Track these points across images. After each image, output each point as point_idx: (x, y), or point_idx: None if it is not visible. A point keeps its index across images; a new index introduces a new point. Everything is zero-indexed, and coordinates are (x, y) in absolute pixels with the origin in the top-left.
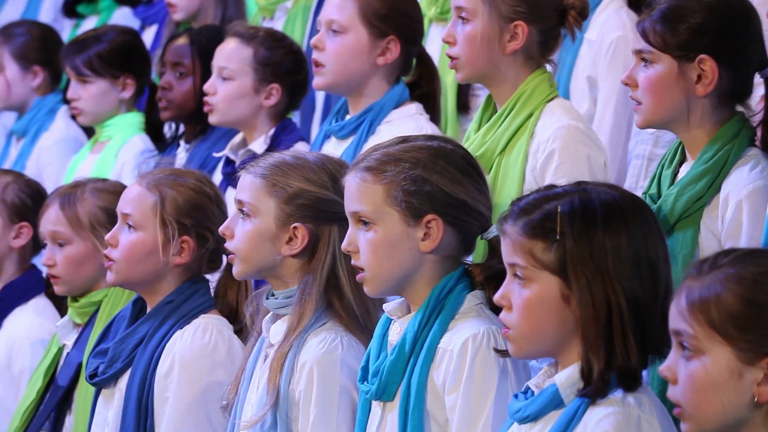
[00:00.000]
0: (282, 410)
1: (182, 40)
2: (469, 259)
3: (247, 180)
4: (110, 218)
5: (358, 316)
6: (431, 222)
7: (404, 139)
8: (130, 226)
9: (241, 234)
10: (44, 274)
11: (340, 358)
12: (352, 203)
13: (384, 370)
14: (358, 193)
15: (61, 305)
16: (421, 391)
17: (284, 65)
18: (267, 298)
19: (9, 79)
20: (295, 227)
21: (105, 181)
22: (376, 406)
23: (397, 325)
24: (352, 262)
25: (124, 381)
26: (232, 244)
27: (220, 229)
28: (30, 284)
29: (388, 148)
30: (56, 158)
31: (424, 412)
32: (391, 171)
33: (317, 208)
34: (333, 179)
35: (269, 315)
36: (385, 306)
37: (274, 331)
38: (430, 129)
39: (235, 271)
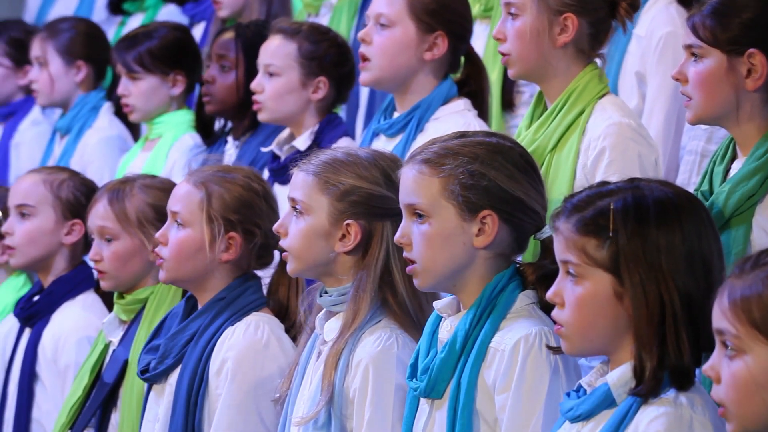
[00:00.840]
0: (336, 407)
1: (228, 34)
2: (520, 258)
3: (299, 178)
4: (158, 215)
5: (412, 312)
6: (486, 217)
7: (463, 134)
8: (178, 224)
9: (294, 232)
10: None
11: (395, 356)
12: (407, 195)
13: (434, 367)
14: (414, 185)
15: (110, 301)
16: (471, 389)
17: (329, 58)
18: (320, 296)
19: (53, 74)
20: (348, 224)
21: (154, 177)
22: (424, 404)
23: (448, 322)
24: (404, 254)
25: (174, 377)
26: (286, 241)
27: (274, 227)
28: (79, 280)
29: (446, 141)
30: (100, 156)
31: (474, 411)
32: (449, 164)
33: (370, 204)
34: (385, 175)
35: (322, 312)
36: (435, 303)
37: (328, 329)
38: (478, 125)
39: (289, 268)
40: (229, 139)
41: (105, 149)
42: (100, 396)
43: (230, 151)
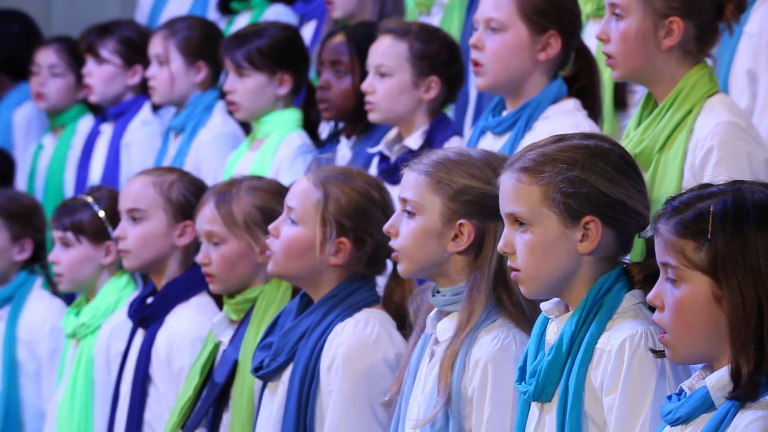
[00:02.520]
0: (454, 408)
1: (339, 38)
2: (627, 257)
3: (411, 178)
4: (265, 217)
5: (527, 311)
6: (589, 223)
7: (560, 138)
8: (293, 221)
9: (405, 232)
10: None
11: (513, 354)
12: (508, 204)
13: (541, 370)
14: (514, 194)
15: (222, 303)
16: (578, 392)
17: (440, 57)
18: (433, 295)
19: (173, 72)
20: (460, 224)
21: (260, 179)
22: (534, 407)
23: (555, 324)
24: (508, 263)
25: (287, 374)
26: (397, 242)
27: (384, 227)
28: (192, 282)
29: (543, 147)
30: (214, 154)
31: (582, 413)
32: (548, 172)
33: (482, 204)
34: (497, 174)
35: (434, 312)
36: (542, 305)
37: (441, 329)
38: (587, 125)
39: (400, 269)
40: (342, 138)
41: (218, 147)
42: (211, 396)
43: (343, 151)
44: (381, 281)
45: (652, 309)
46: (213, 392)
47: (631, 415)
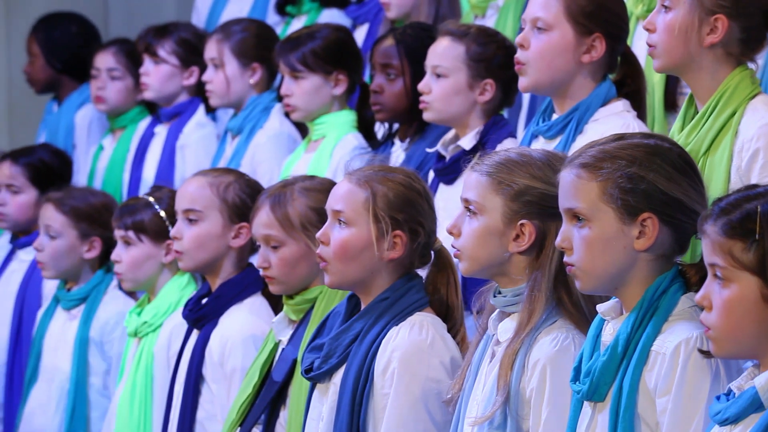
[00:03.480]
0: (512, 408)
1: (388, 41)
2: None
3: (472, 178)
4: (321, 217)
5: (587, 312)
6: (647, 220)
7: (620, 137)
8: (341, 222)
9: (467, 232)
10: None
11: (572, 356)
12: (566, 200)
13: (596, 370)
14: (573, 189)
15: (276, 304)
16: (632, 393)
17: (497, 60)
18: (494, 296)
19: (228, 75)
20: (522, 224)
21: (313, 179)
22: (587, 407)
23: (611, 325)
24: (565, 258)
25: (338, 376)
26: (459, 241)
27: (447, 227)
28: (246, 283)
29: (604, 145)
30: (270, 156)
31: (635, 414)
32: (607, 168)
33: (543, 204)
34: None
35: (496, 312)
36: (598, 307)
37: (502, 329)
38: (637, 126)
39: (462, 268)
40: (396, 140)
41: (276, 149)
42: (270, 394)
43: (397, 153)
44: None
45: None
46: (271, 391)
47: (684, 417)
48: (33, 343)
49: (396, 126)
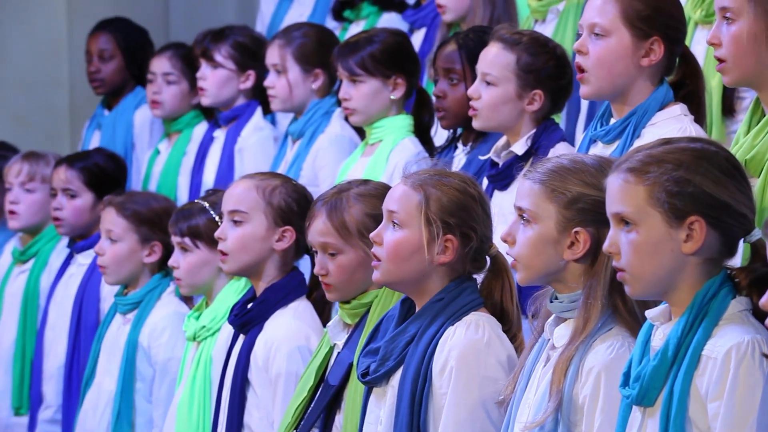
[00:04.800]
0: (564, 414)
1: (451, 46)
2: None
3: (525, 186)
4: (377, 223)
5: (641, 319)
6: (694, 223)
7: (667, 141)
8: (395, 224)
9: (522, 240)
10: (306, 277)
11: None
12: (614, 204)
13: (645, 375)
14: (620, 194)
15: (322, 308)
16: (683, 397)
17: (547, 71)
18: (551, 301)
19: (291, 81)
20: (576, 231)
21: (367, 183)
22: (637, 411)
23: (660, 330)
24: (613, 263)
25: (395, 379)
26: (514, 250)
27: (502, 235)
28: (291, 287)
29: (650, 149)
30: (331, 160)
31: (686, 419)
32: (654, 172)
33: (597, 211)
34: None
35: (552, 317)
36: (647, 312)
37: (558, 335)
38: (694, 130)
39: (518, 277)
40: (459, 145)
41: (337, 153)
42: (325, 398)
43: (459, 157)
44: None
45: (758, 316)
46: (327, 394)
47: (736, 423)
48: (92, 346)
49: (459, 130)
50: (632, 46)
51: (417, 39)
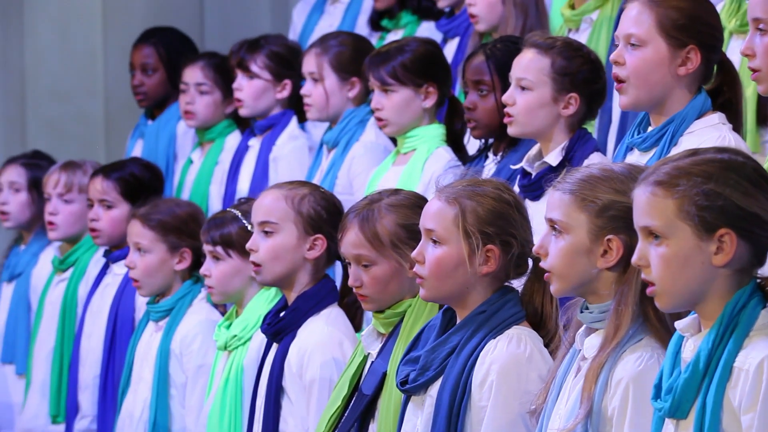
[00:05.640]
0: (594, 424)
1: (479, 57)
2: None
3: (555, 197)
4: (410, 233)
5: (671, 328)
6: (724, 236)
7: (694, 152)
8: (435, 242)
9: (555, 251)
10: (337, 285)
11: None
12: (642, 217)
13: (677, 387)
14: (648, 207)
15: (353, 315)
16: (716, 410)
17: (582, 74)
18: (581, 312)
19: (327, 89)
20: (608, 239)
21: (398, 193)
22: (669, 424)
23: (691, 342)
24: (643, 276)
25: (434, 389)
26: (548, 262)
27: (534, 248)
28: (323, 295)
29: (677, 161)
30: (366, 168)
31: (720, 431)
32: (683, 185)
33: (628, 218)
34: None
35: (583, 328)
36: (677, 324)
37: (588, 345)
38: (732, 139)
39: (553, 289)
40: (490, 154)
41: (371, 160)
42: (359, 407)
43: (489, 166)
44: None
45: None
46: (361, 404)
47: None
48: (126, 354)
49: (491, 140)
50: (669, 56)
51: (450, 48)
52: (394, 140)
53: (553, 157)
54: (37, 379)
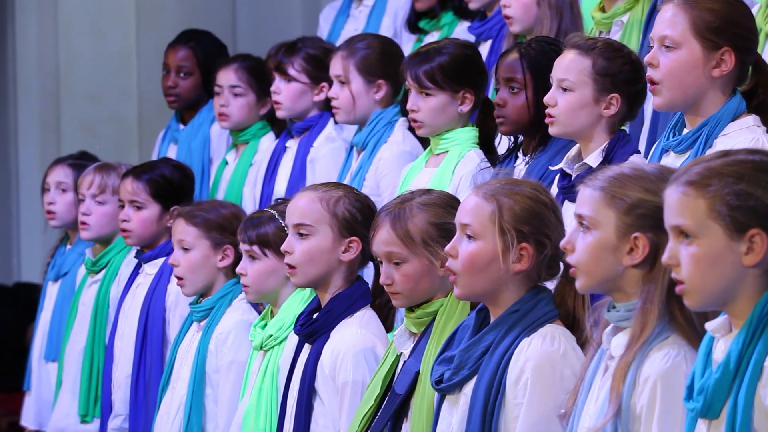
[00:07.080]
0: (623, 422)
1: (512, 55)
2: None
3: (585, 193)
4: (441, 232)
5: (699, 327)
6: (755, 236)
7: (725, 153)
8: (469, 237)
9: (582, 247)
10: (370, 286)
11: (684, 373)
12: (673, 217)
13: (709, 388)
14: (680, 207)
15: (386, 317)
16: (748, 409)
17: (623, 75)
18: (608, 311)
19: (354, 92)
20: (635, 237)
21: (430, 192)
22: (702, 424)
23: (722, 342)
24: (672, 275)
25: (469, 387)
26: (574, 257)
27: (561, 243)
28: (356, 297)
29: (709, 162)
30: (393, 169)
31: (752, 430)
32: (715, 185)
33: (656, 217)
34: None
35: (610, 327)
36: (707, 325)
37: (615, 344)
38: (766, 141)
39: (578, 285)
40: (520, 154)
41: (398, 162)
42: (392, 407)
43: (520, 167)
44: None
45: None
46: (393, 403)
47: None
48: (170, 353)
49: (521, 139)
50: (703, 58)
51: (483, 51)
52: (423, 142)
53: (593, 159)
54: (68, 378)
